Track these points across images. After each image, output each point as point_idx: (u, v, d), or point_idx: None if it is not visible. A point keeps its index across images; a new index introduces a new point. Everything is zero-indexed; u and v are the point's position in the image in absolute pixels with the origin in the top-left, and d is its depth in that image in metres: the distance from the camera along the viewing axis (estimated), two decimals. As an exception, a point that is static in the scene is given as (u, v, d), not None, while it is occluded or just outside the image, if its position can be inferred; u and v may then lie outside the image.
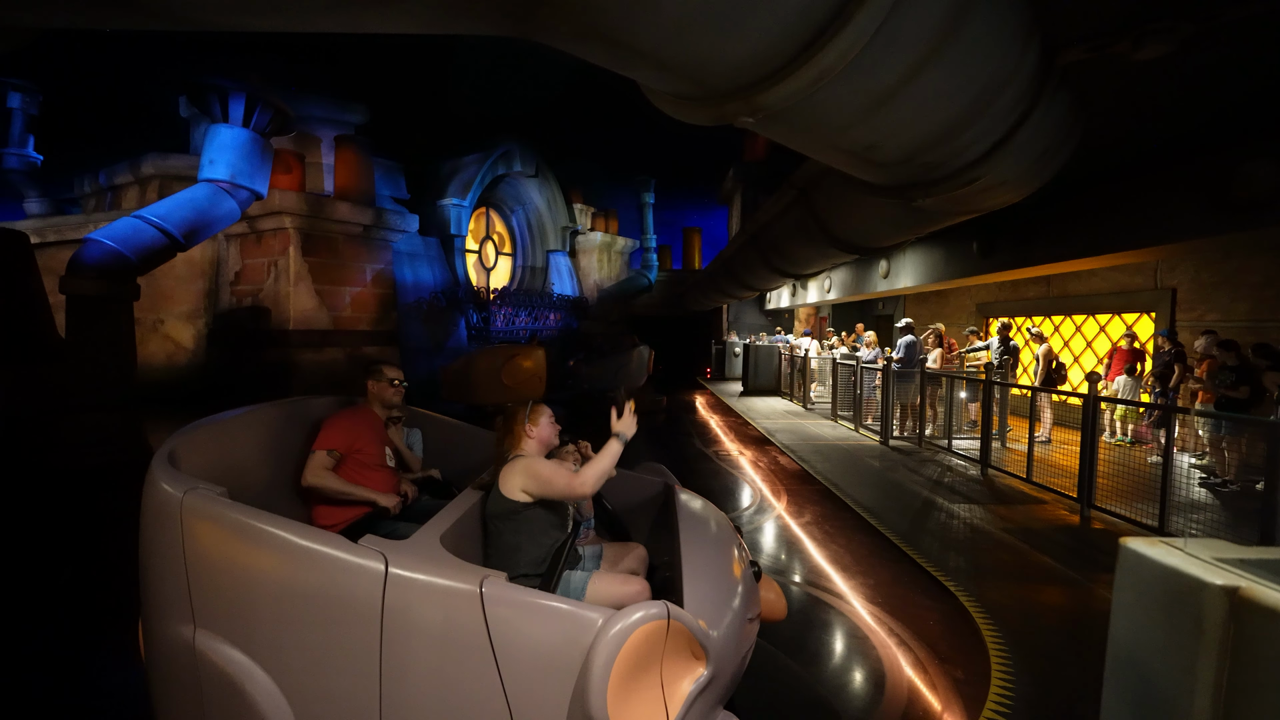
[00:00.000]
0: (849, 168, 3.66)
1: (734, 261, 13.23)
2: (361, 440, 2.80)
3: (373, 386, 3.09)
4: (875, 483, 6.85)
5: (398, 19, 1.74)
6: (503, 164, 18.83)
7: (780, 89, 2.11)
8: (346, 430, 2.77)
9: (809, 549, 4.90)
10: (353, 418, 2.86)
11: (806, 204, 7.16)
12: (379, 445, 2.90)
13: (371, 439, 2.86)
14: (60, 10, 1.78)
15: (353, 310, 13.19)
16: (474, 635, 1.66)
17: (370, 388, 3.10)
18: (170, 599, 1.83)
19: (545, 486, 2.22)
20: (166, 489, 1.83)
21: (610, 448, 2.24)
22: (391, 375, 3.14)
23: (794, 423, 11.19)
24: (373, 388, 3.09)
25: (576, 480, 2.19)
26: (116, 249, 7.94)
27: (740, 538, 2.72)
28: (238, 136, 9.59)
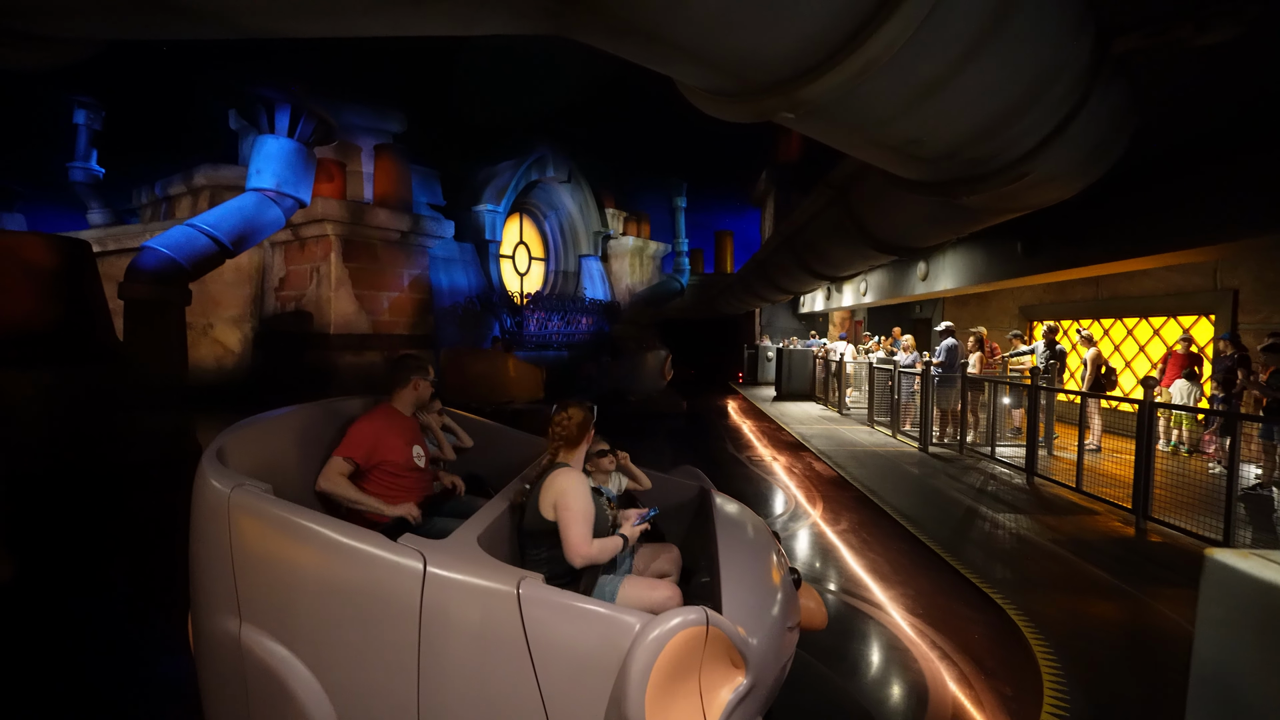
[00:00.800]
0: (890, 164, 3.56)
1: (768, 264, 13.09)
2: (385, 448, 2.67)
3: (417, 385, 2.93)
4: (914, 490, 6.66)
5: (436, 20, 1.76)
6: (536, 170, 19.05)
7: (822, 82, 2.06)
8: (369, 439, 2.64)
9: (845, 557, 4.78)
10: (376, 424, 2.71)
11: (844, 204, 7.03)
12: (407, 448, 2.77)
13: (398, 444, 2.73)
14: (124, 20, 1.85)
15: (391, 314, 13.48)
16: (511, 636, 1.65)
17: (414, 385, 2.93)
18: (218, 593, 1.87)
19: (561, 526, 2.16)
20: (215, 485, 1.88)
21: (615, 541, 2.25)
22: (433, 376, 3.01)
23: (829, 428, 10.99)
24: (417, 385, 2.93)
25: (583, 546, 2.12)
26: (171, 256, 8.28)
27: (778, 544, 2.66)
28: (283, 147, 9.92)
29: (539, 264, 20.90)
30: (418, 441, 2.89)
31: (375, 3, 1.69)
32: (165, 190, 14.73)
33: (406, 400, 2.92)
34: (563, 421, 2.35)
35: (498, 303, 16.63)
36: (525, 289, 19.44)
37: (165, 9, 1.69)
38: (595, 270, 21.61)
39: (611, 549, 2.21)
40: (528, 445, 3.39)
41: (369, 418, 2.74)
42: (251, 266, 13.33)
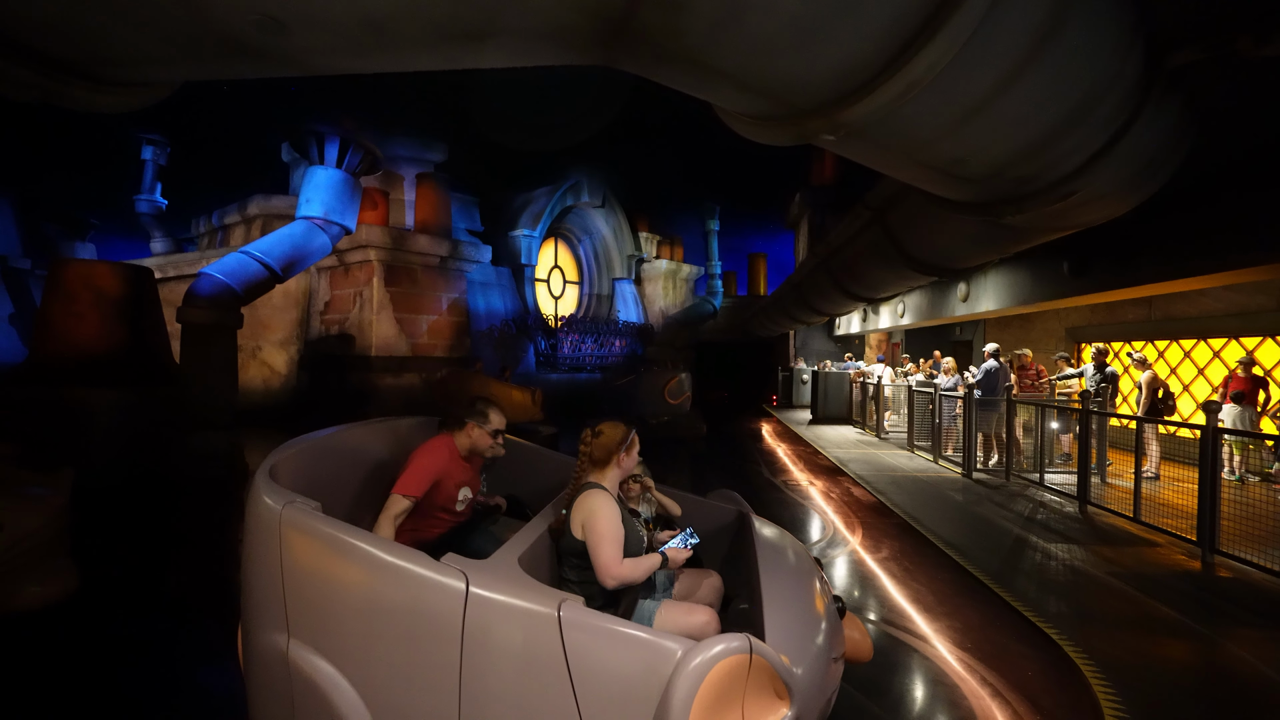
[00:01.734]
0: (932, 185, 3.52)
1: (803, 286, 12.99)
2: (439, 489, 2.59)
3: (473, 430, 2.77)
4: (959, 517, 6.42)
5: (492, 54, 1.84)
6: (571, 195, 19.44)
7: (864, 104, 2.06)
8: (431, 477, 2.53)
9: (886, 586, 4.62)
10: (440, 462, 2.59)
11: (882, 225, 6.96)
12: (455, 489, 2.67)
13: (449, 486, 2.63)
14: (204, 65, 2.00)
15: (429, 337, 13.80)
16: (552, 659, 1.64)
17: (469, 429, 2.77)
18: (268, 608, 1.91)
19: (590, 548, 2.14)
20: (267, 502, 1.93)
21: (653, 559, 2.19)
22: (496, 425, 2.82)
23: (867, 452, 10.72)
24: (473, 431, 2.77)
25: (614, 566, 2.08)
26: (225, 281, 8.67)
27: (821, 571, 2.59)
28: (331, 177, 10.36)
29: (573, 287, 21.18)
30: (469, 484, 2.77)
31: (434, 40, 1.77)
32: (221, 219, 15.51)
33: (461, 442, 2.78)
34: (588, 440, 2.37)
35: (533, 325, 16.89)
36: (559, 312, 19.69)
37: (243, 53, 1.81)
38: (629, 293, 21.78)
39: (647, 567, 2.17)
40: (566, 467, 3.40)
41: (433, 452, 2.61)
42: (299, 291, 13.85)
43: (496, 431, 2.81)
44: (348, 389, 12.61)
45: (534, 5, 1.71)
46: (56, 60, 2.04)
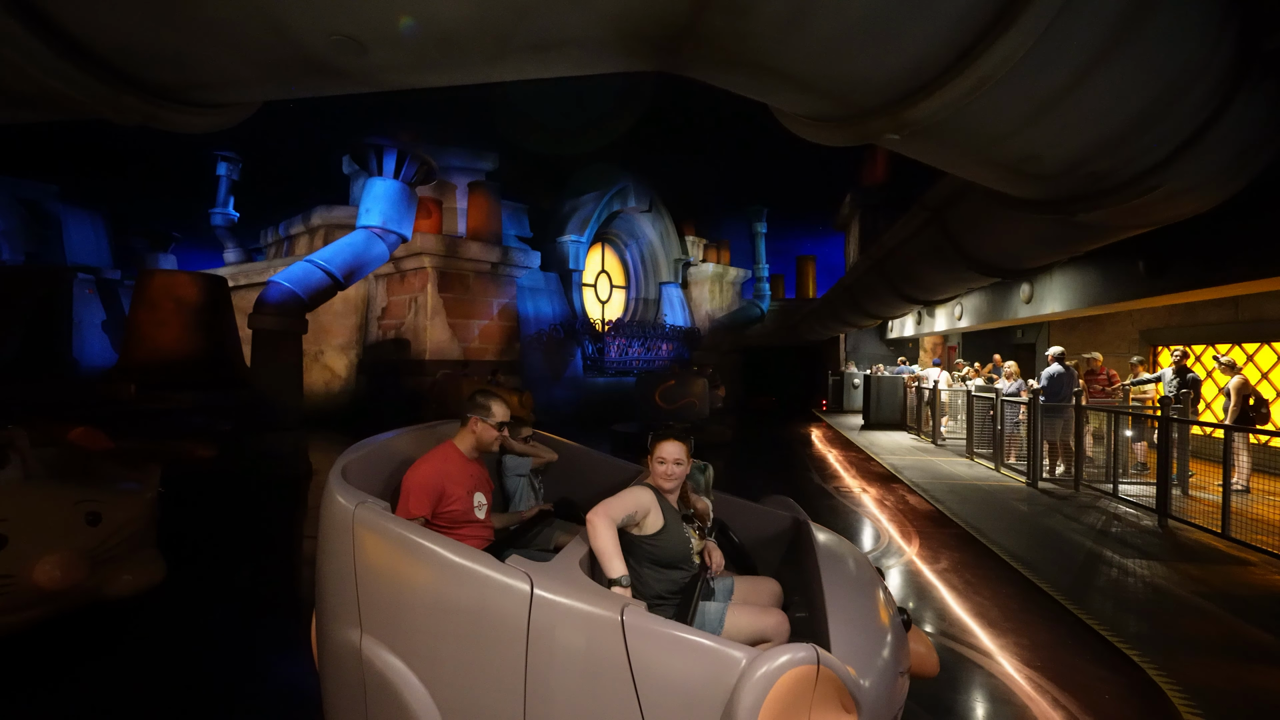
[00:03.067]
0: (998, 182, 3.38)
1: (855, 289, 12.70)
2: (447, 497, 2.39)
3: (477, 425, 2.55)
4: (1025, 529, 6.13)
5: (555, 64, 1.88)
6: (618, 200, 19.60)
7: (931, 102, 2.00)
8: (431, 489, 2.36)
9: (947, 599, 4.45)
10: (434, 468, 2.40)
11: (940, 225, 6.73)
12: (468, 496, 2.46)
13: (459, 491, 2.42)
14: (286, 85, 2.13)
15: (480, 341, 14.14)
16: (615, 664, 1.64)
17: (473, 425, 2.55)
18: (341, 603, 1.98)
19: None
20: (341, 501, 2.00)
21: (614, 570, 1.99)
22: (500, 417, 2.59)
23: (923, 459, 10.37)
24: (476, 426, 2.55)
25: (602, 508, 2.08)
26: (292, 289, 9.11)
27: (883, 581, 2.51)
28: (389, 188, 10.75)
29: (620, 292, 21.32)
30: (481, 488, 2.56)
31: (501, 53, 1.82)
32: (287, 230, 16.32)
33: (466, 442, 2.57)
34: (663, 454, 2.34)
35: (580, 330, 17.08)
36: (606, 316, 19.85)
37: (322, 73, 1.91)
38: (675, 297, 21.78)
39: (606, 556, 2.01)
40: (621, 470, 3.41)
41: (427, 460, 2.43)
42: (358, 298, 14.42)
43: (501, 424, 2.60)
44: (403, 392, 13.03)
45: (599, 15, 1.74)
46: (157, 87, 2.22)
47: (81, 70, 2.09)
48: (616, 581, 1.96)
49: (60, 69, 2.05)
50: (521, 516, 2.98)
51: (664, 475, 2.30)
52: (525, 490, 3.30)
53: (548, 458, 3.39)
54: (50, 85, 2.09)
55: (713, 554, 2.34)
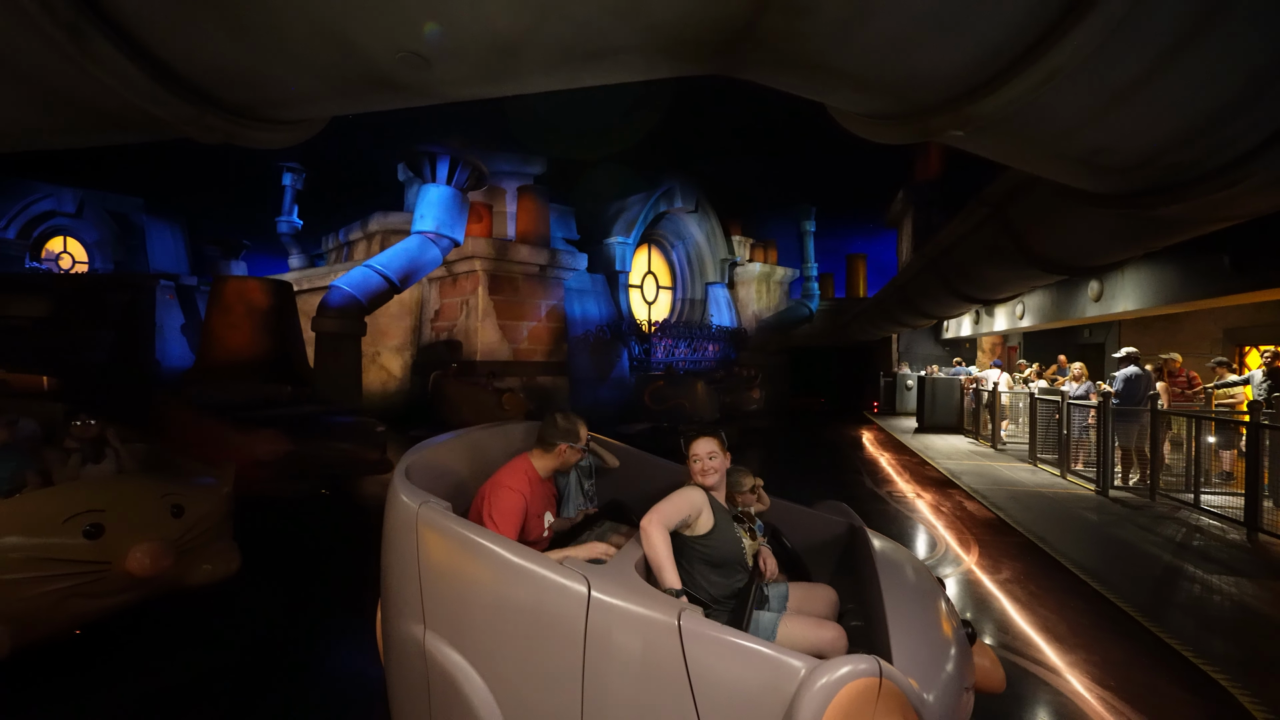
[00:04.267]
0: (1066, 177, 3.21)
1: (908, 288, 12.33)
2: (530, 510, 2.42)
3: (565, 451, 2.58)
4: (1094, 540, 5.82)
5: (612, 72, 1.90)
6: (664, 201, 19.61)
7: (998, 96, 1.92)
8: (519, 515, 2.34)
9: (1009, 611, 4.26)
10: (523, 496, 2.39)
11: (1001, 221, 6.46)
12: (540, 519, 2.50)
13: (535, 513, 2.46)
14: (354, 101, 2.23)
15: (529, 343, 14.39)
16: (672, 669, 1.64)
17: (561, 451, 2.58)
18: (406, 599, 2.06)
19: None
20: (405, 500, 2.08)
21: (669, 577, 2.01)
22: (584, 440, 2.63)
23: (982, 464, 9.97)
24: (565, 452, 2.58)
25: (656, 519, 2.07)
26: (352, 293, 9.49)
27: (945, 591, 2.44)
28: (442, 194, 11.07)
29: (666, 292, 21.33)
30: (550, 508, 2.62)
31: (559, 62, 1.86)
32: (347, 236, 17.01)
33: (548, 463, 2.60)
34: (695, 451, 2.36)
35: (626, 331, 17.17)
36: (653, 317, 19.89)
37: (388, 87, 2.00)
38: (722, 297, 21.64)
39: (659, 564, 2.01)
40: (671, 472, 3.41)
41: (515, 481, 2.42)
42: (412, 301, 14.89)
43: (585, 446, 2.66)
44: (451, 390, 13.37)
45: (656, 22, 1.75)
46: (237, 106, 2.37)
47: (172, 93, 2.26)
48: (670, 592, 1.96)
49: (155, 93, 2.22)
50: (569, 521, 2.99)
51: (701, 472, 2.32)
52: (574, 491, 3.32)
53: (608, 462, 3.38)
54: (145, 108, 2.27)
55: (766, 559, 2.32)
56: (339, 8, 1.90)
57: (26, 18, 1.85)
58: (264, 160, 17.92)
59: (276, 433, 6.04)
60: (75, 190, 20.44)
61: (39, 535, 3.08)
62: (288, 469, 6.02)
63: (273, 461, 5.88)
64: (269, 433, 6.02)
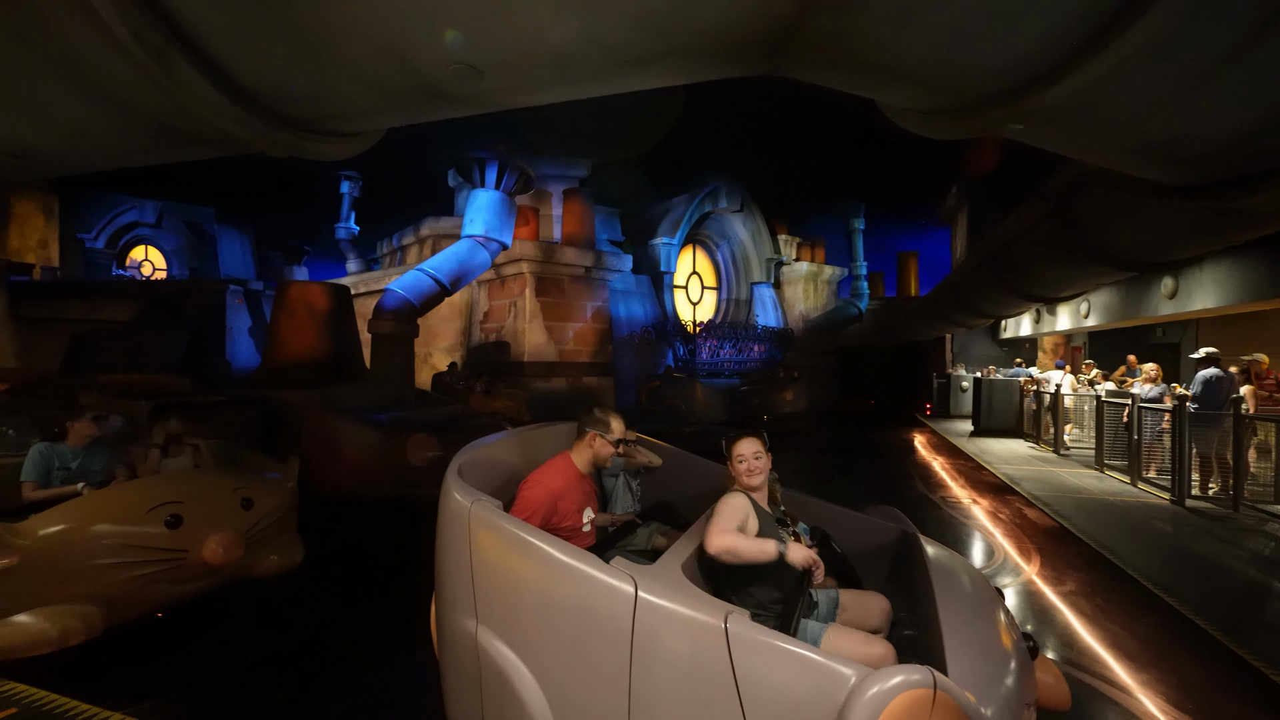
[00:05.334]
0: (1136, 168, 3.04)
1: (963, 286, 11.90)
2: (560, 512, 2.44)
3: (595, 441, 2.62)
4: (1168, 551, 5.48)
5: (660, 75, 1.92)
6: (709, 201, 19.52)
7: (1060, 88, 1.83)
8: (546, 503, 2.40)
9: (1074, 625, 4.07)
10: (554, 485, 2.46)
11: (1062, 216, 6.16)
12: (578, 512, 2.51)
13: (570, 508, 2.48)
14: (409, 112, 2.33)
15: (575, 343, 14.56)
16: (719, 671, 1.65)
17: (591, 440, 2.62)
18: (459, 595, 2.12)
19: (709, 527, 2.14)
20: (458, 498, 2.15)
21: (766, 544, 2.07)
22: (619, 434, 2.65)
23: (1043, 470, 9.53)
24: (595, 442, 2.62)
25: (718, 533, 2.06)
26: (405, 296, 9.82)
27: (1003, 602, 2.35)
28: (491, 198, 11.33)
29: (711, 293, 21.23)
30: (590, 503, 2.63)
31: (609, 68, 1.89)
32: (400, 240, 17.61)
33: (584, 456, 2.64)
34: (740, 451, 2.37)
35: (671, 332, 17.17)
36: (698, 318, 19.83)
37: (442, 99, 2.08)
38: (768, 297, 21.38)
39: (757, 550, 2.05)
40: (715, 473, 3.40)
41: (546, 476, 2.50)
42: (462, 303, 15.29)
43: (619, 440, 2.67)
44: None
45: (702, 26, 1.75)
46: (304, 121, 2.52)
47: (246, 111, 2.42)
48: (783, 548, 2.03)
49: (230, 111, 2.38)
50: (611, 521, 3.03)
51: (747, 473, 2.33)
52: (622, 491, 3.36)
53: (650, 462, 3.40)
54: (221, 126, 2.44)
55: (795, 546, 2.26)
56: (396, 26, 1.99)
57: (120, 46, 2.02)
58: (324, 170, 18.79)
59: (427, 436, 6.07)
60: (155, 202, 21.89)
61: (126, 524, 3.31)
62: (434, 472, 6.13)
63: (425, 465, 5.86)
64: (420, 437, 6.04)
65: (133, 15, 1.99)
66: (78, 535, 3.18)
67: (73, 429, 3.82)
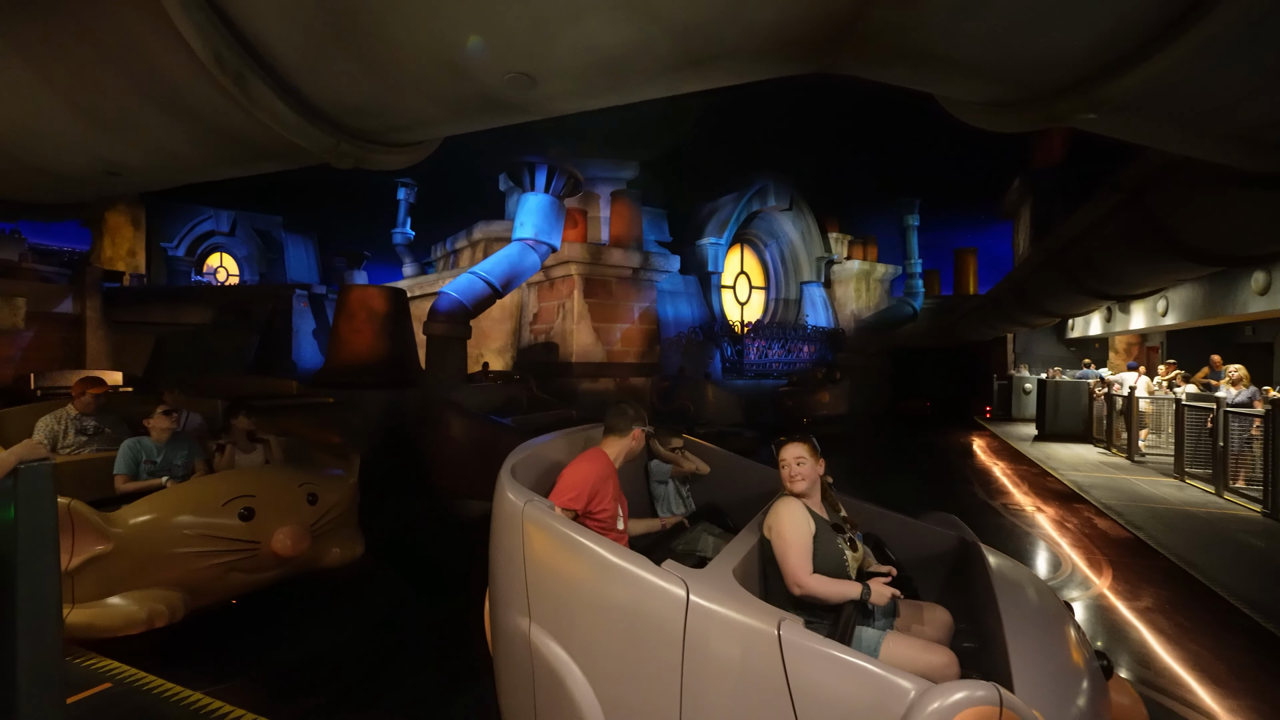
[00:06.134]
0: (1220, 156, 2.83)
1: (1027, 284, 11.36)
2: (599, 498, 2.42)
3: (639, 435, 2.67)
4: (1260, 568, 5.10)
5: (712, 77, 1.91)
6: (758, 200, 19.30)
7: (1138, 74, 1.71)
8: (589, 486, 2.40)
9: (1151, 644, 3.83)
10: (595, 470, 2.46)
11: (1139, 208, 5.80)
12: (614, 503, 2.50)
13: (608, 495, 2.47)
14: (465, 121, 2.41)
15: (622, 344, 14.63)
16: (772, 678, 1.63)
17: (636, 435, 2.66)
18: (512, 592, 2.17)
19: (777, 553, 2.16)
20: (512, 498, 2.19)
21: (850, 586, 2.11)
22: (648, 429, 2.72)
23: (1115, 478, 9.00)
24: (639, 436, 2.67)
25: (800, 574, 2.08)
26: (458, 299, 10.09)
27: (1073, 617, 2.23)
28: (541, 201, 11.52)
29: (759, 293, 20.97)
30: (622, 502, 2.62)
31: (661, 72, 1.90)
32: (453, 244, 18.11)
33: (620, 449, 2.66)
34: (783, 456, 2.36)
35: (719, 332, 17.06)
36: (745, 318, 19.63)
37: (497, 107, 2.15)
38: (818, 297, 20.96)
39: (839, 592, 2.09)
40: (771, 478, 3.36)
41: (586, 461, 2.52)
42: (513, 305, 15.60)
43: (649, 434, 2.76)
44: (553, 392, 13.87)
45: (757, 25, 1.73)
46: (366, 133, 2.65)
47: (314, 126, 2.56)
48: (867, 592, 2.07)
49: (301, 127, 2.53)
50: (661, 525, 3.01)
51: (790, 478, 2.35)
52: (673, 496, 3.36)
53: (698, 468, 3.39)
54: (292, 140, 2.60)
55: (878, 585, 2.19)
56: (454, 38, 2.07)
57: (203, 70, 2.18)
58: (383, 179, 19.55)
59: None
60: (229, 212, 23.34)
61: (205, 515, 3.52)
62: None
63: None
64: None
65: (215, 40, 2.14)
66: (162, 525, 3.41)
67: (153, 425, 4.09)
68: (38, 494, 1.66)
